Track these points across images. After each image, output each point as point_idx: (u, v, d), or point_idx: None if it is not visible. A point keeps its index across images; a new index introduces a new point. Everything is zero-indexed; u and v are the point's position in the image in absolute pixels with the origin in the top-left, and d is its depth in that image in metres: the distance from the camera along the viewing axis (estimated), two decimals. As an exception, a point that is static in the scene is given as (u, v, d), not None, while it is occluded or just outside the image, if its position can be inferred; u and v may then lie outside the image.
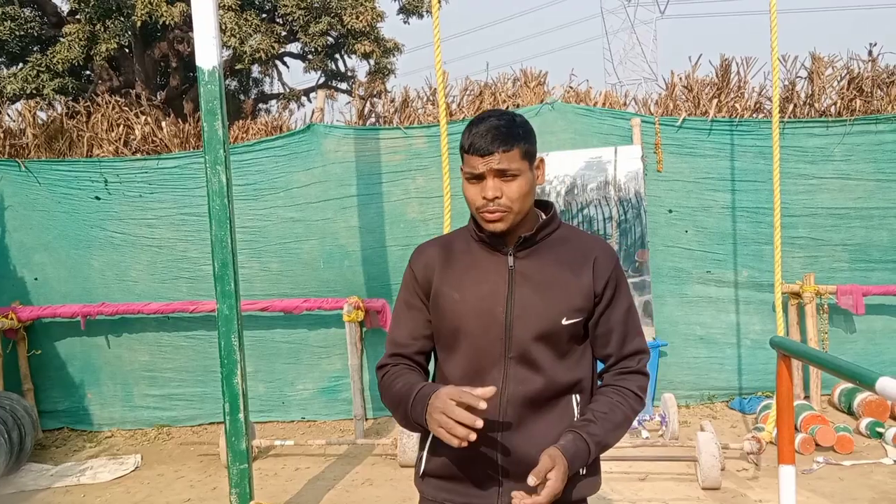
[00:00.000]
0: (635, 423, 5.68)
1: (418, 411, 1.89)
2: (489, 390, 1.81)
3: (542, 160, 2.02)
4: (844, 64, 6.53)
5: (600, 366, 2.11)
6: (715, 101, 6.39)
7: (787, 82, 6.53)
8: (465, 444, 1.76)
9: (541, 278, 1.97)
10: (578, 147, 6.32)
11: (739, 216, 6.43)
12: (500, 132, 1.90)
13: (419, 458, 2.09)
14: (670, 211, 6.43)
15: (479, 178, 1.93)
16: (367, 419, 6.36)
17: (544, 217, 2.04)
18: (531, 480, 1.79)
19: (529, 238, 1.99)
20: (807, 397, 6.22)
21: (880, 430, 5.50)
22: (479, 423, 1.74)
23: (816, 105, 6.49)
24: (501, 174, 1.90)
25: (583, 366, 2.02)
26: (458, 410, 1.76)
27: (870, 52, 6.56)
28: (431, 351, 2.12)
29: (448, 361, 2.04)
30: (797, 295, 6.23)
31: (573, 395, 1.99)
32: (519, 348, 1.94)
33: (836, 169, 6.39)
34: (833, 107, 6.49)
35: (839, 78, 6.52)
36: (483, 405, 1.76)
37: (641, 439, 5.48)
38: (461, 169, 1.98)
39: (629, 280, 6.12)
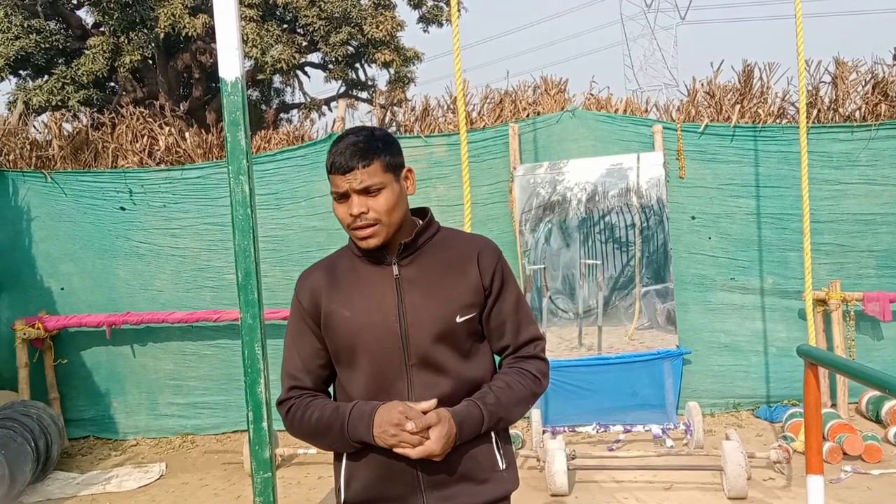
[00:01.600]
0: (659, 431, 5.64)
1: (361, 430, 1.91)
2: (431, 403, 1.90)
3: (410, 170, 2.03)
4: (869, 68, 6.47)
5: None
6: (737, 106, 6.34)
7: (810, 87, 6.47)
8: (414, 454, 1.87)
9: (428, 281, 1.99)
10: (600, 154, 6.30)
11: (764, 222, 6.38)
12: (359, 148, 1.92)
13: (337, 488, 2.08)
14: (693, 217, 6.39)
15: (344, 196, 1.95)
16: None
17: (421, 223, 2.06)
18: (409, 426, 1.84)
19: (410, 244, 2.00)
20: (834, 405, 6.14)
21: (909, 438, 5.42)
22: (430, 424, 1.87)
23: (841, 110, 6.43)
24: (366, 191, 1.93)
25: (484, 363, 2.06)
26: (402, 433, 1.85)
27: (894, 57, 6.50)
28: (328, 377, 2.11)
29: (350, 380, 2.03)
30: (823, 302, 6.15)
31: None
32: (418, 354, 1.96)
33: (862, 174, 6.32)
34: (857, 111, 6.42)
35: (864, 82, 6.45)
36: (424, 422, 1.87)
37: (666, 448, 5.44)
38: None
39: (650, 287, 6.10)
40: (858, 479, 4.93)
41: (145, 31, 10.84)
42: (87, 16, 12.00)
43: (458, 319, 1.97)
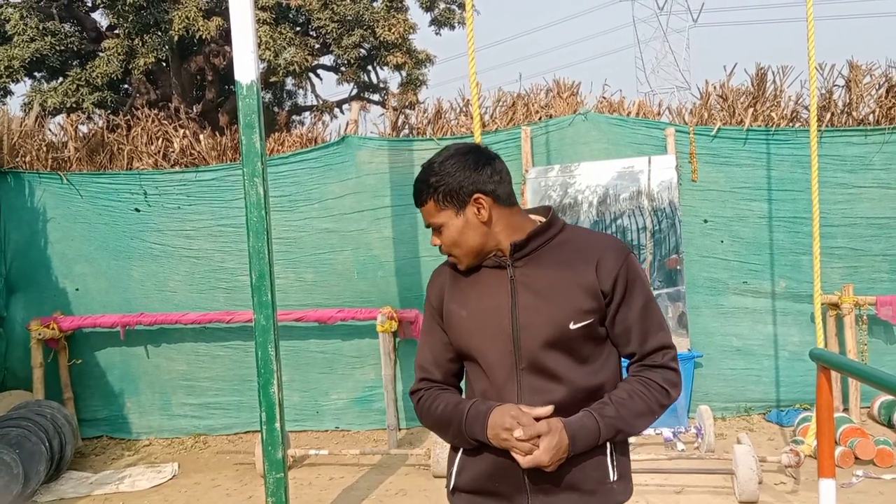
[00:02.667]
0: (670, 434, 5.64)
1: (476, 430, 1.92)
2: (547, 410, 1.88)
3: (478, 199, 1.96)
4: (883, 72, 6.44)
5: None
6: (750, 110, 6.33)
7: (824, 91, 6.45)
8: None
9: (542, 284, 1.95)
10: (612, 157, 6.30)
11: (776, 226, 6.36)
12: (415, 189, 2.01)
13: (449, 473, 2.09)
14: (705, 221, 6.38)
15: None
16: (400, 429, 6.38)
17: (539, 224, 2.02)
18: (517, 433, 1.84)
19: (521, 245, 1.97)
20: (846, 410, 6.12)
21: (923, 443, 5.39)
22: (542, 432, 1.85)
23: (854, 114, 6.40)
24: (432, 227, 2.01)
25: (607, 369, 1.99)
26: (512, 438, 1.85)
27: (909, 60, 6.46)
28: (458, 370, 2.13)
29: (472, 376, 2.07)
30: (836, 306, 6.13)
31: None
32: (529, 358, 1.93)
33: (876, 178, 6.29)
34: (871, 115, 6.40)
35: (877, 86, 6.43)
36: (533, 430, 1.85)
37: (677, 452, 5.43)
38: None
39: (662, 291, 6.09)
40: (870, 483, 4.92)
41: (159, 33, 10.90)
42: (101, 18, 12.08)
43: (572, 326, 1.90)
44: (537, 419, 1.87)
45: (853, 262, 6.35)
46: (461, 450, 2.04)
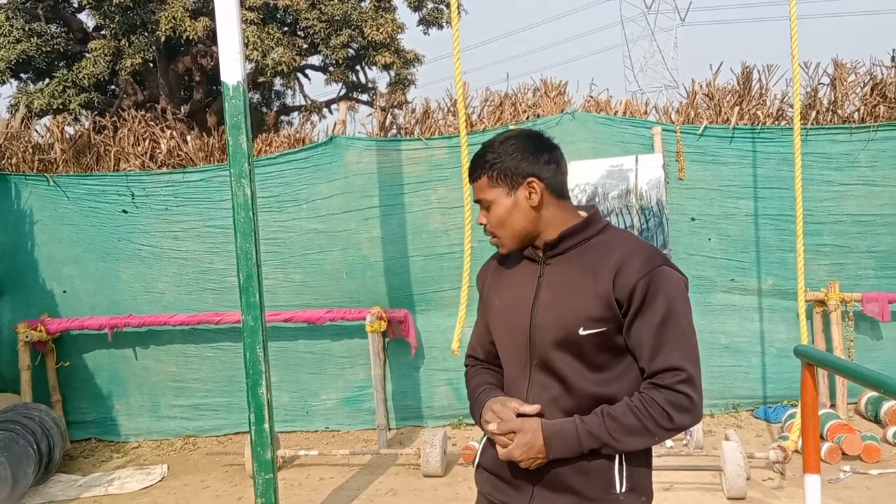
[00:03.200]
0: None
1: (475, 415, 2.07)
2: (534, 408, 1.94)
3: (531, 182, 1.94)
4: (867, 70, 6.49)
5: None
6: (736, 108, 6.37)
7: (809, 89, 6.50)
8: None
9: (563, 285, 1.93)
10: (599, 156, 6.32)
11: (763, 224, 6.40)
12: (472, 165, 1.99)
13: (477, 451, 2.18)
14: (693, 219, 6.42)
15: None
16: (390, 429, 6.39)
17: (575, 224, 1.98)
18: (491, 427, 1.94)
19: (552, 244, 1.97)
20: (833, 406, 6.16)
21: (909, 438, 5.44)
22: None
23: (839, 112, 6.45)
24: (481, 204, 2.00)
25: (624, 381, 1.92)
26: (492, 433, 1.96)
27: (893, 58, 6.53)
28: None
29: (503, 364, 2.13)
30: (822, 303, 6.18)
31: None
32: (540, 356, 1.94)
33: (862, 175, 6.34)
34: (856, 113, 6.45)
35: (862, 84, 6.48)
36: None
37: (666, 448, 5.45)
38: None
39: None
40: (857, 479, 4.96)
41: (146, 34, 10.86)
42: (88, 19, 12.01)
43: (582, 332, 1.87)
44: (520, 415, 1.91)
45: (839, 259, 6.39)
46: None
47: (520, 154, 1.95)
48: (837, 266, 6.39)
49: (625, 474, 1.91)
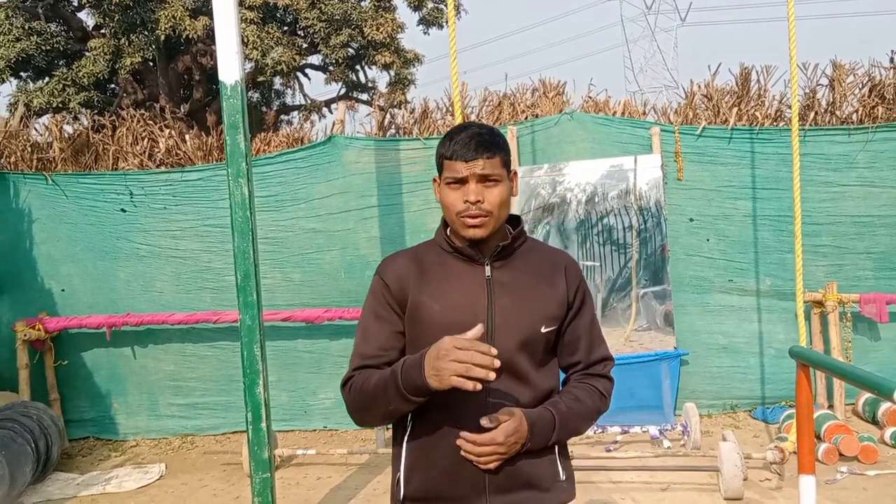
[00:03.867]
0: (656, 432, 5.67)
1: (413, 376, 1.80)
2: (478, 329, 1.77)
3: (515, 173, 2.06)
4: (866, 71, 6.50)
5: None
6: (735, 109, 6.37)
7: (807, 90, 6.50)
8: (479, 387, 1.70)
9: (519, 287, 2.00)
10: (598, 156, 6.32)
11: (762, 224, 6.40)
12: (484, 140, 1.95)
13: (396, 481, 2.01)
14: (691, 219, 6.42)
15: (461, 182, 1.95)
16: (388, 428, 6.39)
17: (514, 230, 2.07)
18: (484, 422, 1.85)
19: (507, 247, 2.01)
20: (830, 406, 6.16)
21: (906, 439, 5.44)
22: (497, 364, 1.73)
23: (838, 113, 6.45)
24: (484, 179, 1.94)
25: (553, 375, 2.07)
26: (473, 352, 1.72)
27: (891, 60, 6.51)
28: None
29: None
30: (820, 304, 6.18)
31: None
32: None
33: (860, 176, 6.34)
34: (855, 114, 6.45)
35: (860, 85, 6.48)
36: (494, 351, 1.74)
37: (663, 449, 5.46)
38: (434, 180, 2.03)
39: (648, 289, 6.12)
40: (854, 479, 4.96)
41: (146, 33, 10.87)
42: (87, 18, 12.02)
43: (543, 330, 1.98)
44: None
45: (837, 260, 6.40)
46: (404, 454, 1.98)
47: (509, 147, 2.04)
48: (835, 267, 6.40)
49: (562, 464, 2.03)
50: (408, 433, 2.00)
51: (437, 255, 2.05)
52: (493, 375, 1.72)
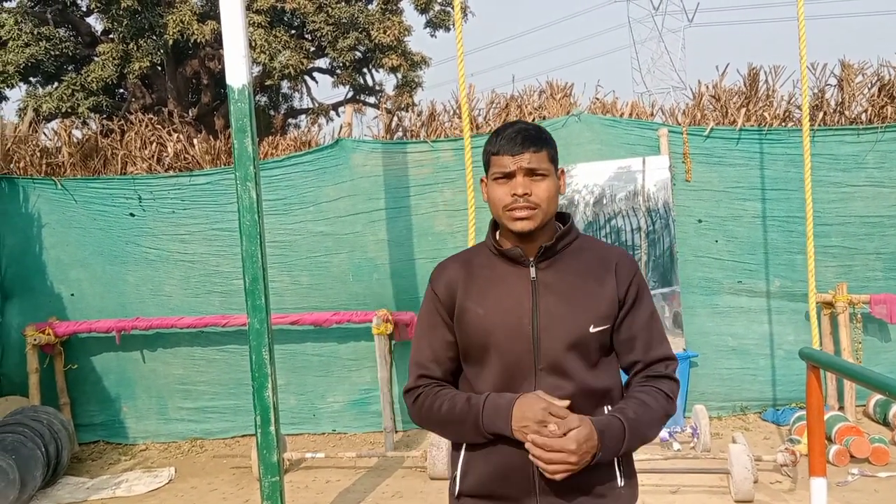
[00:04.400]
0: (666, 434, 5.64)
1: (499, 425, 1.87)
2: (566, 403, 1.85)
3: (563, 171, 2.06)
4: (875, 71, 6.46)
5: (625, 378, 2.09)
6: (743, 110, 6.35)
7: (816, 90, 6.47)
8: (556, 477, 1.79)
9: (565, 287, 1.97)
10: (606, 158, 6.31)
11: (770, 225, 6.38)
12: (531, 134, 1.96)
13: (452, 478, 2.06)
14: (700, 221, 6.39)
15: (508, 176, 1.95)
16: (396, 431, 6.39)
17: (562, 228, 2.04)
18: (552, 427, 1.79)
19: (550, 248, 1.99)
20: (841, 408, 6.13)
21: (918, 441, 5.40)
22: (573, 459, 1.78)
23: (847, 112, 6.42)
24: (531, 173, 1.94)
25: (611, 374, 2.01)
26: (554, 442, 1.78)
27: (901, 59, 6.48)
28: (457, 370, 2.09)
29: (477, 377, 2.01)
30: (830, 305, 6.15)
31: (605, 406, 1.97)
32: (549, 359, 1.93)
33: (869, 176, 6.31)
34: (864, 114, 6.42)
35: (869, 85, 6.45)
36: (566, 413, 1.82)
37: (673, 451, 5.44)
38: (482, 180, 2.04)
39: (657, 291, 6.10)
40: (865, 481, 4.93)
41: (154, 37, 10.91)
42: (96, 23, 12.07)
43: (592, 329, 1.94)
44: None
45: (847, 261, 6.36)
46: (463, 451, 2.01)
47: (556, 145, 2.04)
48: (845, 268, 6.36)
49: (623, 467, 1.97)
50: None
51: (486, 258, 2.06)
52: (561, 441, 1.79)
